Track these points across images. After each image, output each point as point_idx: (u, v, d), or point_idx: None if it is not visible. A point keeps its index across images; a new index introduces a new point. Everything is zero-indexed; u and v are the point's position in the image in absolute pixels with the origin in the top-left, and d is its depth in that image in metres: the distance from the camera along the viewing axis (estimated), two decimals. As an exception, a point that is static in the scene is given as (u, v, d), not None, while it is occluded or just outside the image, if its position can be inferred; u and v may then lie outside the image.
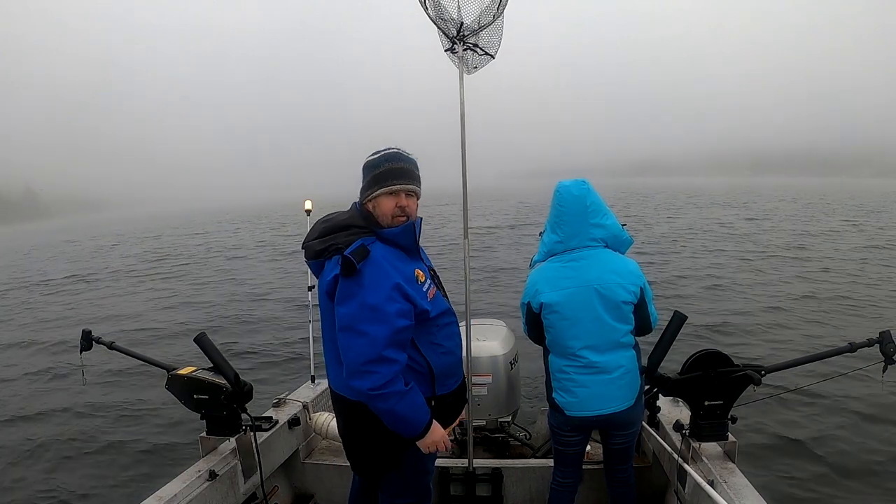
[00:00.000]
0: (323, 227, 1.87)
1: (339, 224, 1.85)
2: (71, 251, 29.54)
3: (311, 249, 1.86)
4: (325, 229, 1.86)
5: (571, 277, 2.20)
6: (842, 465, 4.32)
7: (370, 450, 1.97)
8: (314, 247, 1.85)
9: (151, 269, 18.62)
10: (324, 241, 1.83)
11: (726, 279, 11.54)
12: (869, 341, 2.15)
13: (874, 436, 4.71)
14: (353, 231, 1.82)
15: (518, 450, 3.44)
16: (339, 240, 1.80)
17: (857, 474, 4.19)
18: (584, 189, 2.23)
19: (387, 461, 1.96)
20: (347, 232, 1.83)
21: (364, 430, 1.91)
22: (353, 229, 1.83)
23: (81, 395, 6.59)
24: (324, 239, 1.84)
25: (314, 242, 1.86)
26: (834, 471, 4.26)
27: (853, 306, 8.95)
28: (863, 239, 17.42)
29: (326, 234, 1.85)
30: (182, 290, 13.85)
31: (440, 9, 2.64)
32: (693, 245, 17.01)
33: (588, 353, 2.19)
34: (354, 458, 2.04)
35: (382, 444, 1.91)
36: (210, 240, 29.67)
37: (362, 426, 1.90)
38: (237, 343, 8.43)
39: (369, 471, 2.03)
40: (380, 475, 2.02)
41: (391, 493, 2.05)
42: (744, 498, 2.04)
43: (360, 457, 2.02)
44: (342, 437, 2.08)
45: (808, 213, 29.40)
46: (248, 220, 47.58)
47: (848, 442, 4.64)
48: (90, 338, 2.73)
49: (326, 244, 1.82)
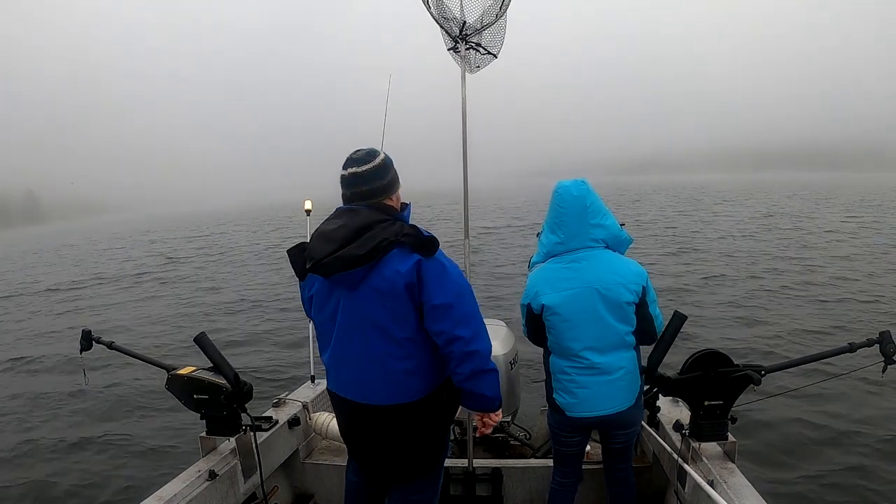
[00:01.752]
0: (342, 233, 1.74)
1: (363, 224, 1.75)
2: (88, 254, 29.21)
3: (346, 258, 1.70)
4: (348, 235, 1.73)
5: (572, 279, 2.19)
6: (842, 465, 4.33)
7: (420, 449, 1.93)
8: (352, 252, 1.70)
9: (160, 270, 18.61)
10: (360, 244, 1.71)
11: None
12: (869, 341, 2.15)
13: (874, 436, 4.71)
14: (383, 225, 1.76)
15: (518, 450, 3.44)
16: (384, 234, 1.73)
17: (856, 474, 4.19)
18: (584, 189, 2.21)
19: (424, 466, 1.96)
20: (381, 226, 1.75)
21: (413, 432, 1.88)
22: (380, 224, 1.76)
23: (81, 394, 6.59)
24: (359, 243, 1.72)
25: (350, 249, 1.71)
26: (834, 471, 4.26)
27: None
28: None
29: (351, 239, 1.73)
30: (182, 292, 13.86)
31: (443, 8, 2.65)
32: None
33: (590, 354, 2.19)
34: (394, 465, 1.96)
35: (432, 439, 1.93)
36: (209, 242, 29.66)
37: (413, 428, 1.87)
38: (237, 344, 8.43)
39: (410, 473, 1.98)
40: (412, 480, 1.98)
41: (409, 492, 2.03)
42: (744, 498, 2.04)
43: (405, 462, 1.95)
44: (374, 451, 1.97)
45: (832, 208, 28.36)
46: (248, 222, 47.60)
47: (848, 442, 4.64)
48: (90, 338, 2.73)
49: (373, 243, 1.71)
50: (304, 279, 1.90)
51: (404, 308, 1.75)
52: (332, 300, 1.83)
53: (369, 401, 1.84)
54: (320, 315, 1.90)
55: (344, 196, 1.87)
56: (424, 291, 1.73)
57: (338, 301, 1.82)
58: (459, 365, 1.76)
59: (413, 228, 1.77)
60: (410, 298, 1.74)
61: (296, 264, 1.86)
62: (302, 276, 1.88)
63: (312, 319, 1.98)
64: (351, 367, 1.84)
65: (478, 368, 1.77)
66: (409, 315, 1.76)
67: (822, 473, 4.23)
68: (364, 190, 1.82)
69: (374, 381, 1.82)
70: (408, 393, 1.82)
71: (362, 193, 1.83)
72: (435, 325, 1.75)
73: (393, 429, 1.88)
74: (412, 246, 1.73)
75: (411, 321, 1.77)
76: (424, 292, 1.73)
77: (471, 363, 1.75)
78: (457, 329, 1.73)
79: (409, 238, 1.74)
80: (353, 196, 1.84)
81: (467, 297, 1.78)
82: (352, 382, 1.87)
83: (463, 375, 1.77)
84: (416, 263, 1.72)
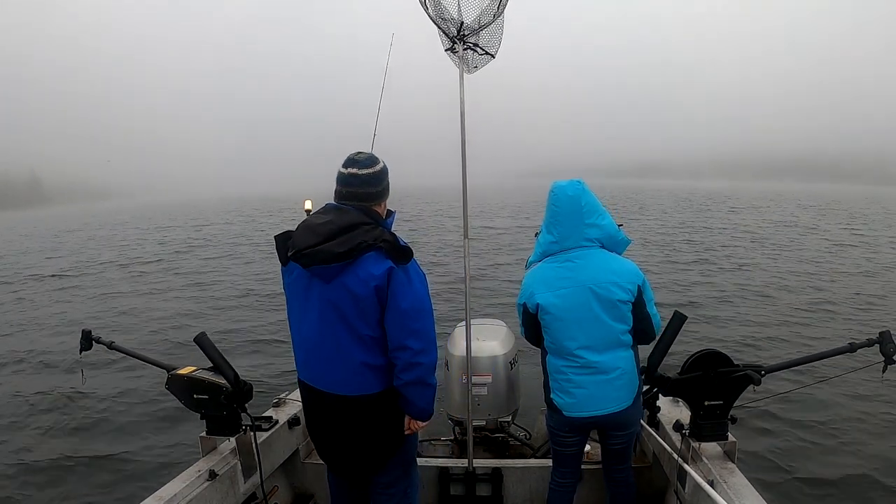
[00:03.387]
0: (328, 229, 1.85)
1: (348, 224, 1.86)
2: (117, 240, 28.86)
3: (326, 253, 1.81)
4: (332, 231, 1.84)
5: (567, 278, 2.20)
6: (842, 465, 4.33)
7: (378, 440, 2.04)
8: (332, 249, 1.81)
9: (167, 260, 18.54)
10: (341, 242, 1.82)
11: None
12: (869, 341, 2.16)
13: (874, 436, 4.71)
14: (366, 228, 1.87)
15: (518, 450, 3.44)
16: (364, 237, 1.84)
17: (856, 474, 4.19)
18: (579, 189, 2.23)
19: (392, 447, 2.06)
20: (364, 229, 1.86)
21: (372, 423, 2.00)
22: (363, 227, 1.87)
23: (81, 394, 6.58)
24: (341, 240, 1.83)
25: (330, 245, 1.82)
26: (834, 471, 4.26)
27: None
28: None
29: (334, 236, 1.83)
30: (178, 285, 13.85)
31: (440, 8, 2.65)
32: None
33: (585, 353, 2.19)
34: (355, 456, 2.07)
35: (390, 431, 2.04)
36: (210, 233, 29.60)
37: (371, 419, 2.00)
38: (237, 342, 8.43)
39: (372, 465, 2.08)
40: (383, 465, 2.08)
41: (384, 486, 2.13)
42: (744, 498, 2.04)
43: (365, 452, 2.05)
44: (336, 442, 2.08)
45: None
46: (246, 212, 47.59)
47: (848, 442, 4.65)
48: (90, 338, 2.73)
49: (352, 244, 1.82)
50: (286, 265, 2.01)
51: (371, 308, 1.87)
52: (308, 289, 1.94)
53: (334, 390, 1.97)
54: (295, 302, 2.01)
55: (338, 192, 1.98)
56: (390, 295, 1.86)
57: (313, 291, 1.92)
58: (402, 371, 1.92)
59: (391, 236, 1.90)
60: (378, 301, 1.86)
61: (280, 250, 1.97)
62: (284, 261, 1.99)
63: (287, 305, 2.08)
64: (320, 355, 1.96)
65: (418, 379, 1.93)
66: (375, 316, 1.88)
67: (822, 473, 4.23)
68: (358, 192, 1.94)
69: (339, 371, 1.94)
70: (368, 385, 1.95)
71: (355, 194, 1.95)
72: (390, 328, 1.89)
73: (354, 419, 2.00)
74: (387, 252, 1.86)
75: (377, 321, 1.89)
76: (390, 296, 1.86)
77: (412, 373, 1.91)
78: (408, 339, 1.88)
79: (386, 244, 1.86)
80: (346, 195, 1.96)
81: (425, 313, 1.93)
82: (319, 371, 1.99)
83: (403, 381, 1.93)
84: (388, 269, 1.84)
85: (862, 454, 4.45)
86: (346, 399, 1.96)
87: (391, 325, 1.88)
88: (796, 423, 4.94)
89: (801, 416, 5.05)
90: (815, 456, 4.47)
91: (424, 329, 1.91)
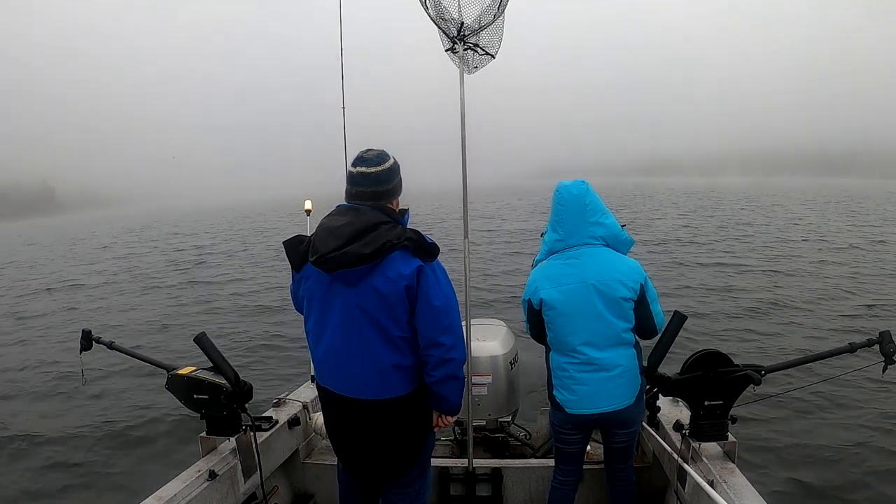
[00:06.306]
0: (349, 230, 1.78)
1: (369, 224, 1.80)
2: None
3: (352, 255, 1.75)
4: (354, 233, 1.78)
5: (571, 274, 2.23)
6: (842, 464, 4.33)
7: (406, 442, 2.00)
8: (359, 251, 1.75)
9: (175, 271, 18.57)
10: (366, 243, 1.76)
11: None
12: (869, 341, 2.16)
13: (874, 436, 4.71)
14: (386, 227, 1.82)
15: (518, 450, 3.44)
16: (387, 236, 1.79)
17: (856, 474, 4.19)
18: (583, 188, 2.28)
19: (409, 459, 2.03)
20: (385, 228, 1.81)
21: (401, 426, 1.96)
22: (383, 226, 1.82)
23: (81, 394, 6.58)
24: (365, 241, 1.77)
25: (356, 246, 1.75)
26: (834, 470, 4.26)
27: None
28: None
29: (356, 237, 1.77)
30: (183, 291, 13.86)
31: (441, 8, 2.65)
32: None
33: (587, 350, 2.21)
34: (382, 460, 2.01)
35: (417, 432, 2.01)
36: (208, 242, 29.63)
37: (400, 422, 1.96)
38: (236, 343, 8.43)
39: (399, 467, 2.03)
40: (411, 465, 2.05)
41: (400, 485, 2.08)
42: (744, 498, 2.04)
43: (392, 456, 2.00)
44: (362, 447, 2.01)
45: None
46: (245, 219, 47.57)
47: (847, 442, 4.64)
48: (90, 337, 2.73)
49: (378, 244, 1.77)
50: (299, 271, 1.95)
51: (401, 308, 1.83)
52: (329, 295, 1.88)
53: (361, 395, 1.91)
54: (315, 308, 1.94)
55: (349, 193, 1.92)
56: (421, 294, 1.82)
57: (336, 296, 1.86)
58: (435, 368, 1.88)
59: (415, 233, 1.86)
60: (408, 299, 1.83)
61: (293, 256, 1.92)
62: (298, 267, 1.93)
63: (304, 312, 2.02)
64: (345, 361, 1.90)
65: (450, 375, 1.90)
66: (405, 315, 1.85)
67: (822, 473, 4.23)
68: (370, 191, 1.89)
69: (367, 375, 1.88)
70: (396, 387, 1.90)
71: (367, 194, 1.89)
72: (423, 326, 1.85)
73: (381, 423, 1.94)
74: (414, 250, 1.82)
75: (406, 321, 1.86)
76: (421, 295, 1.82)
77: (445, 369, 1.88)
78: (441, 336, 1.85)
79: (412, 242, 1.83)
80: (357, 194, 1.90)
81: (454, 309, 1.92)
82: (344, 377, 1.92)
83: (435, 378, 1.90)
84: (417, 268, 1.81)
85: (862, 454, 4.45)
86: (374, 404, 1.90)
87: (423, 323, 1.84)
88: (796, 423, 4.94)
89: (801, 416, 5.04)
90: (815, 456, 4.47)
91: (454, 325, 1.89)
